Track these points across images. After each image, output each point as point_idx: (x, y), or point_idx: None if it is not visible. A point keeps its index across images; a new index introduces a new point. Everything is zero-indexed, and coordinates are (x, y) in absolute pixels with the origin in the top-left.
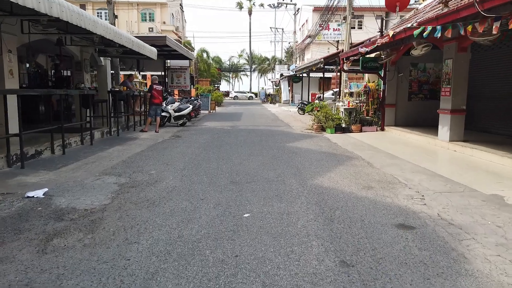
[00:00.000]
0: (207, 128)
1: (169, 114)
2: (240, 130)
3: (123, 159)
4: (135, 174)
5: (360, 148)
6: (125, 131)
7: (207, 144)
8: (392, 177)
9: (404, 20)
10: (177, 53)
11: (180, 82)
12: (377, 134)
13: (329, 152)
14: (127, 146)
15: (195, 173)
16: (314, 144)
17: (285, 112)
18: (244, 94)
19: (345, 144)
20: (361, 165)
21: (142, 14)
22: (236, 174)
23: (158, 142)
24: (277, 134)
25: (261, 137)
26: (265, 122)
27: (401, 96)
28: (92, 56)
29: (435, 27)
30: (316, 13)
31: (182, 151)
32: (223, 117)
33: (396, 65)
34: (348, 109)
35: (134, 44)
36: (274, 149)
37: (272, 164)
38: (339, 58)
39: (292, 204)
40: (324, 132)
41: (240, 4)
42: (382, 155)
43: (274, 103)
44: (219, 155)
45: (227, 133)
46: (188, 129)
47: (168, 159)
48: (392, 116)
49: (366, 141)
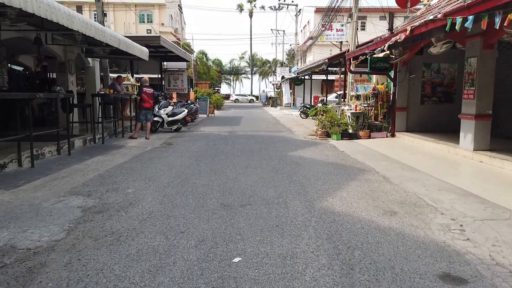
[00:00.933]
0: (203, 134)
1: (162, 119)
2: (239, 136)
3: (100, 173)
4: (108, 194)
5: (372, 158)
6: (112, 138)
7: (200, 153)
8: (417, 197)
9: (416, 18)
10: (174, 55)
11: (178, 85)
12: (387, 140)
13: (337, 163)
14: (109, 156)
15: (180, 192)
16: (319, 153)
17: (287, 116)
18: (245, 97)
19: (354, 152)
20: (376, 180)
21: (140, 15)
22: (229, 194)
23: (146, 151)
24: (279, 140)
25: (260, 144)
26: (266, 127)
27: (413, 99)
28: (79, 57)
29: (466, 17)
30: (318, 14)
31: (171, 162)
32: (222, 122)
33: (407, 66)
34: (355, 114)
35: (121, 43)
36: (275, 159)
37: (272, 179)
38: (344, 58)
39: (297, 239)
40: (329, 139)
41: (241, 6)
42: (398, 167)
43: (275, 106)
44: (212, 167)
45: (224, 140)
46: (183, 135)
47: (152, 173)
48: (403, 120)
49: (377, 149)
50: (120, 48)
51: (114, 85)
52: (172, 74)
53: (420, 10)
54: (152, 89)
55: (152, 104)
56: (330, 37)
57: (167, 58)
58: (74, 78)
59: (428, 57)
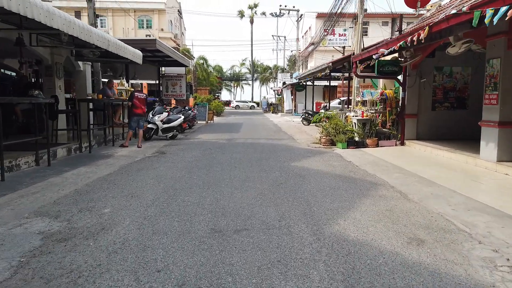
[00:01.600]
0: (200, 142)
1: (156, 126)
2: (237, 145)
3: (77, 188)
4: (80, 215)
5: (383, 170)
6: (102, 146)
7: (194, 163)
8: (444, 219)
9: (425, 18)
10: (172, 60)
11: (176, 91)
12: (397, 149)
13: (345, 176)
14: (93, 167)
15: (165, 212)
16: (325, 164)
17: (288, 122)
18: (245, 104)
19: (362, 163)
20: (392, 197)
21: (139, 21)
22: (222, 215)
23: (135, 161)
24: (280, 149)
25: (261, 153)
26: (267, 134)
27: (424, 105)
28: (68, 60)
29: (498, 8)
30: (319, 19)
31: (160, 174)
32: (221, 129)
33: (418, 69)
34: (361, 120)
35: (110, 44)
36: (276, 171)
37: (273, 195)
38: (349, 62)
39: (305, 283)
40: (334, 147)
41: (242, 12)
42: (415, 181)
43: (277, 112)
44: (205, 180)
45: (222, 149)
46: (178, 143)
47: (137, 188)
48: (413, 128)
49: (387, 159)
50: (109, 50)
51: (104, 90)
52: (170, 79)
53: (430, 11)
54: (144, 94)
55: (145, 111)
56: (333, 42)
57: (165, 63)
58: (62, 82)
59: (439, 60)
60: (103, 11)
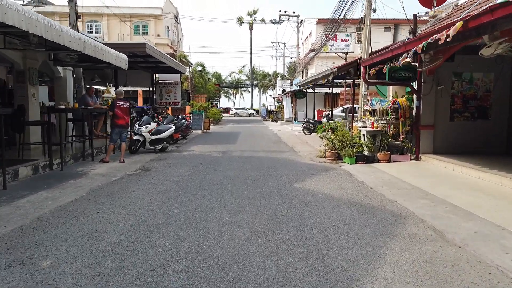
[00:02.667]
0: (191, 156)
1: (143, 137)
2: (233, 159)
3: (24, 224)
4: (5, 273)
5: (404, 194)
6: (79, 161)
7: (180, 185)
8: (509, 279)
9: (441, 19)
10: (166, 66)
11: (170, 98)
12: (413, 166)
13: (360, 203)
14: (58, 190)
15: (124, 268)
16: (333, 185)
17: (289, 131)
18: (244, 111)
19: (377, 184)
20: (427, 237)
21: (135, 26)
22: (201, 273)
23: (111, 182)
24: (281, 164)
25: (258, 170)
26: (266, 146)
27: (441, 114)
28: (46, 65)
29: None
30: (319, 25)
31: (136, 200)
32: (217, 139)
33: (434, 75)
34: (371, 132)
35: (87, 46)
36: (276, 196)
37: (273, 234)
38: (354, 68)
39: None
40: (341, 162)
41: (241, 19)
42: (448, 211)
43: (276, 120)
44: (188, 211)
45: (215, 164)
46: (167, 156)
47: (100, 223)
48: (429, 140)
49: (405, 178)
50: (86, 52)
51: (84, 98)
52: (164, 86)
53: (445, 12)
54: (127, 103)
55: (128, 121)
56: (335, 48)
57: (159, 69)
58: (36, 89)
59: (459, 64)
60: (98, 16)
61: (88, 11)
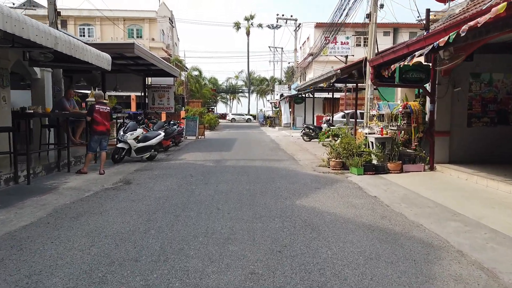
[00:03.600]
0: (182, 165)
1: (128, 145)
2: (227, 169)
3: None
4: None
5: (428, 214)
6: (53, 173)
7: (162, 203)
8: None
9: (454, 15)
10: (159, 70)
11: (163, 103)
12: (428, 177)
13: (379, 227)
14: (14, 210)
15: None
16: (342, 202)
17: (287, 137)
18: (242, 117)
19: (393, 199)
20: (477, 282)
21: (129, 30)
22: None
23: (81, 199)
24: (280, 176)
25: (255, 183)
26: (263, 153)
27: (458, 120)
28: (21, 65)
29: None
30: (318, 29)
31: (104, 225)
32: (211, 145)
33: (450, 76)
34: (380, 139)
35: (59, 42)
36: (276, 218)
37: (273, 280)
38: (358, 69)
39: None
40: (347, 172)
41: (238, 24)
42: (488, 238)
43: (274, 126)
44: (166, 240)
45: (206, 176)
46: (154, 166)
47: (49, 260)
48: (444, 148)
49: (423, 192)
50: (58, 50)
51: (61, 102)
52: (157, 91)
53: (460, 8)
54: (108, 107)
55: (109, 127)
56: (334, 51)
57: (151, 73)
58: (7, 92)
59: (477, 64)
60: (91, 19)
61: (81, 14)
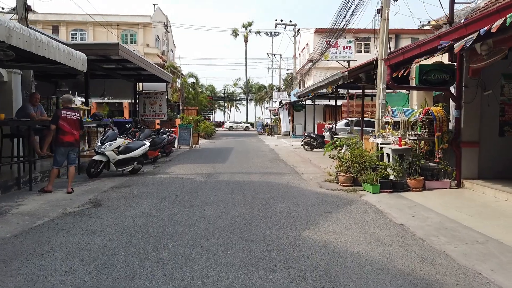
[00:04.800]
0: (167, 180)
1: (106, 158)
2: (219, 186)
3: None
4: None
5: (483, 254)
6: (11, 191)
7: (130, 236)
8: None
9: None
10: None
11: (155, 110)
12: (458, 196)
13: (420, 278)
14: None
15: None
16: (362, 233)
17: (287, 146)
18: (239, 125)
19: (427, 230)
20: None
21: (123, 35)
22: None
23: (28, 229)
24: (281, 194)
25: (251, 206)
26: (261, 165)
27: (488, 128)
28: None
29: None
30: (317, 35)
31: (38, 275)
32: (205, 156)
33: (479, 77)
34: (398, 151)
35: (13, 35)
36: (279, 263)
37: None
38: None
39: None
40: (359, 188)
41: (235, 31)
42: None
43: (272, 134)
44: None
45: (193, 195)
46: (135, 181)
47: None
48: (473, 161)
49: (461, 218)
50: (13, 44)
51: (24, 108)
52: (149, 97)
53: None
54: (78, 114)
55: (77, 137)
56: (336, 56)
57: (142, 78)
58: None
59: (510, 63)
60: (83, 25)
61: (74, 19)
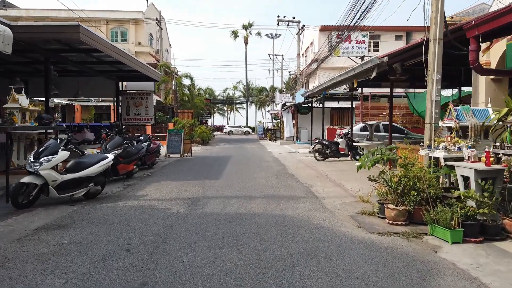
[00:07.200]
0: (130, 213)
1: (42, 180)
2: (203, 225)
3: None
4: None
5: None
6: None
7: None
8: None
9: None
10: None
11: (140, 113)
12: None
13: None
14: None
15: None
16: None
17: (292, 155)
18: (239, 129)
19: None
20: None
21: (113, 33)
22: None
23: None
24: (304, 250)
25: (255, 285)
26: (266, 183)
27: None
28: None
29: None
30: (323, 33)
31: None
32: (196, 168)
33: None
34: (485, 173)
35: None
36: None
37: None
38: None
39: None
40: (422, 230)
41: (235, 33)
42: None
43: (275, 140)
44: None
45: (155, 253)
46: (79, 217)
47: None
48: None
49: None
50: None
51: None
52: (133, 98)
53: None
54: None
55: None
56: (348, 51)
57: (126, 76)
58: None
59: None
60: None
61: (59, 15)
